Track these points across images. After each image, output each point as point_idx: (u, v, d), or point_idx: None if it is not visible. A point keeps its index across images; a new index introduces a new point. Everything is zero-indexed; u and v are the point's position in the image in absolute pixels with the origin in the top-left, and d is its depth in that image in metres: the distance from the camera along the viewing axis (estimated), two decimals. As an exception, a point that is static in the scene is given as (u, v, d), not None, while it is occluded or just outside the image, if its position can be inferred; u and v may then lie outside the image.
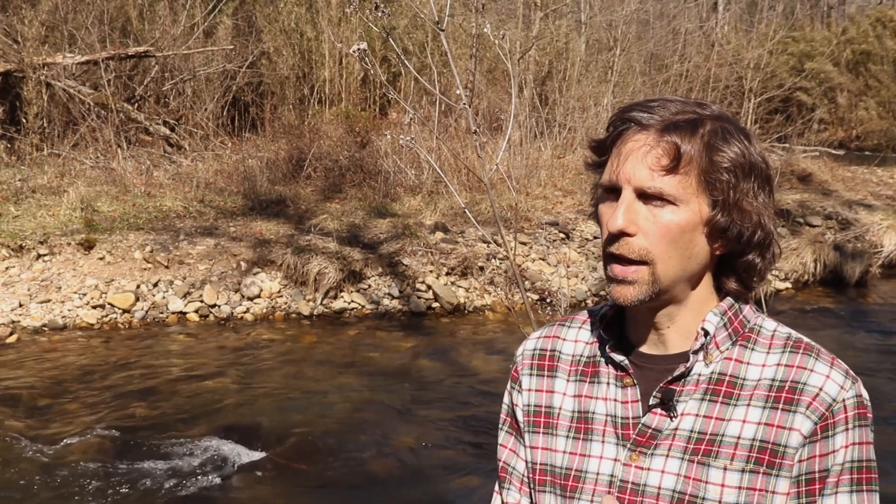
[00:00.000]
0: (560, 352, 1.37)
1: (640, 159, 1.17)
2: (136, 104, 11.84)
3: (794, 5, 23.79)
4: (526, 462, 1.38)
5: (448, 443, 5.49)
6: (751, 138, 1.21)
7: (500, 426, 1.44)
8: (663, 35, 16.77)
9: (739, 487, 1.18)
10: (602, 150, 1.25)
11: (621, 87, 13.55)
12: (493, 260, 8.54)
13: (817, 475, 1.18)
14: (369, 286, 8.06)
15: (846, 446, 1.18)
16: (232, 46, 12.57)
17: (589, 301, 8.33)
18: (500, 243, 8.09)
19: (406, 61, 2.98)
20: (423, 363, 6.88)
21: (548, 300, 8.13)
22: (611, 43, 14.13)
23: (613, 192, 1.21)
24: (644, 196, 1.18)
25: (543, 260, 8.86)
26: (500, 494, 1.43)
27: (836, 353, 1.27)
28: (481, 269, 8.40)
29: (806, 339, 1.24)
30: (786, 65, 18.20)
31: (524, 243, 8.99)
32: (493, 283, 8.31)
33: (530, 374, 1.38)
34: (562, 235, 9.41)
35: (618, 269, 1.20)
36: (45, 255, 7.86)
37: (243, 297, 7.75)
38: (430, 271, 8.25)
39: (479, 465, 5.06)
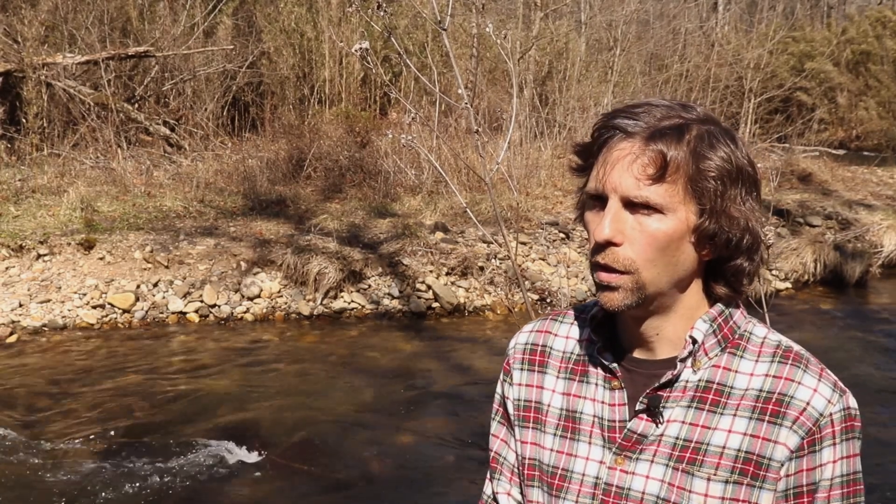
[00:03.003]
0: (551, 347, 1.37)
1: (625, 168, 1.16)
2: (136, 104, 11.84)
3: (794, 5, 23.79)
4: (516, 455, 1.39)
5: (448, 443, 5.49)
6: (737, 141, 1.20)
7: (492, 416, 1.45)
8: (663, 35, 16.78)
9: (723, 498, 1.18)
10: (587, 154, 1.24)
11: (621, 87, 13.56)
12: (493, 260, 8.54)
13: (805, 489, 1.17)
14: (369, 286, 8.06)
15: (835, 461, 1.17)
16: (232, 46, 12.57)
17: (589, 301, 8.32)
18: (501, 243, 8.09)
19: (408, 61, 2.98)
20: (424, 363, 6.87)
21: (548, 300, 8.13)
22: (611, 43, 14.13)
23: (599, 199, 1.21)
24: (630, 205, 1.17)
25: (543, 260, 8.86)
26: (492, 483, 1.45)
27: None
28: (481, 269, 8.40)
29: (796, 348, 1.23)
30: (786, 65, 18.20)
31: (524, 243, 8.99)
32: (494, 283, 8.30)
33: (521, 369, 1.39)
34: (562, 235, 9.41)
35: (604, 276, 1.20)
36: (45, 255, 7.86)
37: (243, 297, 7.75)
38: (430, 271, 8.25)
39: (479, 465, 5.06)
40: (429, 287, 8.08)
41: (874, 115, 18.21)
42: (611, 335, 1.30)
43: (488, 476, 1.46)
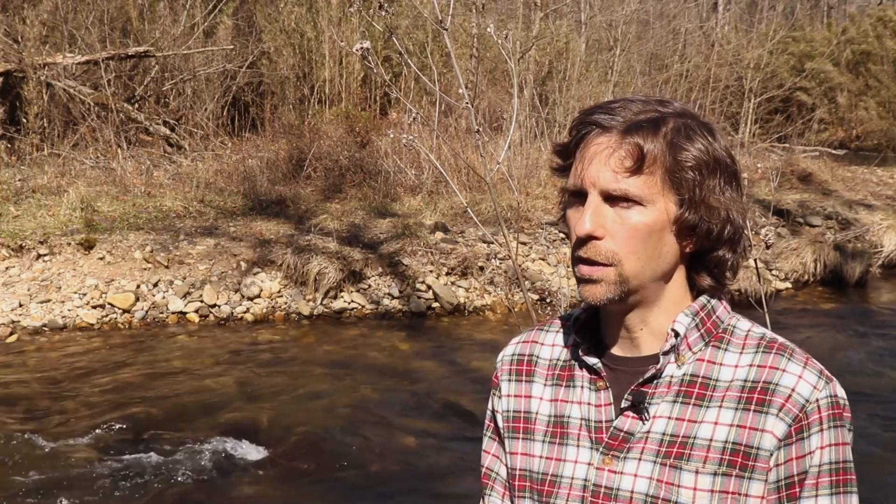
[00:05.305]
0: (537, 356, 1.36)
1: (603, 162, 1.17)
2: (136, 104, 11.84)
3: (794, 5, 23.79)
4: (507, 468, 1.38)
5: (448, 443, 5.49)
6: (715, 134, 1.20)
7: (484, 431, 1.44)
8: (663, 35, 16.78)
9: (712, 490, 1.16)
10: (566, 154, 1.24)
11: (621, 87, 13.55)
12: (493, 260, 8.54)
13: (796, 478, 1.16)
14: (369, 286, 8.06)
15: (822, 448, 1.16)
16: (232, 46, 12.57)
17: (589, 301, 8.32)
18: (501, 243, 8.09)
19: (409, 61, 2.98)
20: (424, 363, 6.88)
21: (548, 300, 8.13)
22: (611, 43, 14.13)
23: (580, 196, 1.21)
24: (610, 198, 1.17)
25: (543, 260, 8.86)
26: (484, 501, 1.43)
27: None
28: (481, 269, 8.40)
29: (780, 339, 1.22)
30: (786, 65, 18.19)
31: (524, 243, 8.99)
32: (493, 283, 8.31)
33: (509, 380, 1.38)
34: (562, 235, 9.41)
35: (585, 269, 1.20)
36: (45, 255, 7.86)
37: (243, 297, 7.75)
38: (430, 271, 8.25)
39: (479, 465, 5.05)
40: (429, 287, 8.08)
41: (874, 115, 18.21)
42: (595, 337, 1.30)
43: (482, 494, 1.44)
